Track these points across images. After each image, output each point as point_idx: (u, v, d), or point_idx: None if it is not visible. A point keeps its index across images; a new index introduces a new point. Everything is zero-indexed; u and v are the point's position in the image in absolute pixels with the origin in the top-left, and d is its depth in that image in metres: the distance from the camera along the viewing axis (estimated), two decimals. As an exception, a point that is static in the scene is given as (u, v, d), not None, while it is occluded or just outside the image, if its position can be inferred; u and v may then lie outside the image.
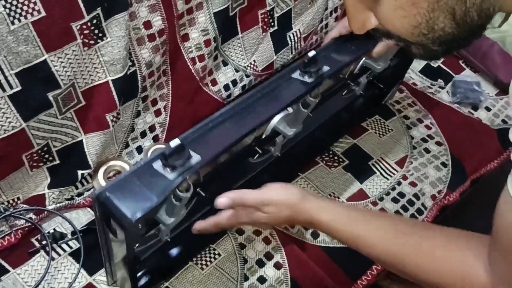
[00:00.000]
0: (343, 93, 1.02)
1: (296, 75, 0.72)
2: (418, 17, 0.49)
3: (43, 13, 0.64)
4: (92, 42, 0.72)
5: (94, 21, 0.70)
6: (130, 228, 0.55)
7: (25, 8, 0.62)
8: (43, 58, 0.67)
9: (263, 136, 0.82)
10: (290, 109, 0.78)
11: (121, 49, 0.75)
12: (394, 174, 0.96)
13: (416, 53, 0.55)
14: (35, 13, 0.63)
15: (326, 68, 0.73)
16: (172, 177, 0.56)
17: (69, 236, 0.77)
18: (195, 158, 0.58)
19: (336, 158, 0.97)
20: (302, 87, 0.71)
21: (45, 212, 0.77)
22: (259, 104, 0.68)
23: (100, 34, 0.72)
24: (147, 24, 0.78)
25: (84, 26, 0.69)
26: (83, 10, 0.68)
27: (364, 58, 0.95)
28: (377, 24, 0.53)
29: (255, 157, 0.86)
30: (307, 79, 0.71)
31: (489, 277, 0.55)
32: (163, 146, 0.91)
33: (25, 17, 0.63)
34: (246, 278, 0.79)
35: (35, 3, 0.63)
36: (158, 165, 0.57)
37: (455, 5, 0.48)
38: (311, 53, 0.70)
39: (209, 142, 0.62)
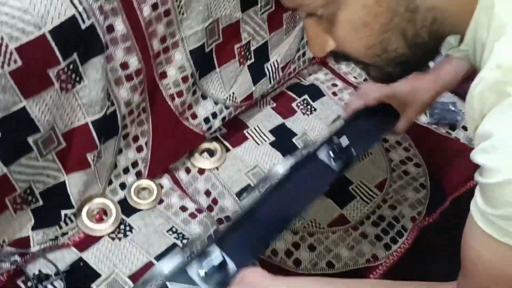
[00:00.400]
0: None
1: (323, 156, 0.74)
2: (371, 38, 0.52)
3: (20, 63, 0.66)
4: (69, 86, 0.74)
5: (71, 66, 0.72)
6: None
7: (1, 59, 0.64)
8: (21, 105, 0.69)
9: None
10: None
11: (99, 91, 0.77)
12: (374, 197, 0.98)
13: (374, 75, 0.58)
14: (12, 63, 0.65)
15: (353, 152, 0.74)
16: None
17: (53, 276, 0.78)
18: (232, 268, 0.60)
19: (316, 184, 0.99)
20: (330, 176, 0.74)
21: (29, 255, 0.78)
22: (287, 198, 0.70)
23: (78, 78, 0.74)
24: (124, 65, 0.81)
25: (61, 72, 0.71)
26: (59, 56, 0.70)
27: None
28: (335, 46, 0.56)
29: None
30: (333, 164, 0.73)
31: None
32: (147, 182, 0.92)
33: (2, 67, 0.65)
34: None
35: (11, 54, 0.65)
36: (195, 274, 0.60)
37: (406, 27, 0.50)
38: (344, 142, 0.71)
39: (243, 248, 0.64)
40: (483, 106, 0.46)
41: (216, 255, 0.60)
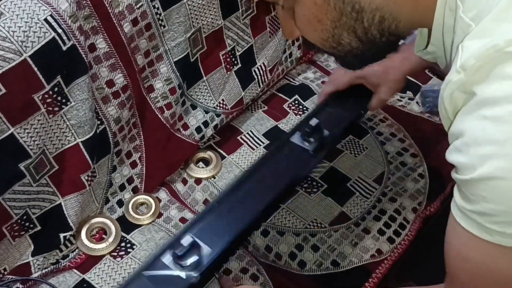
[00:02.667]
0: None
1: (296, 140, 0.74)
2: (325, 33, 0.54)
3: (4, 90, 0.66)
4: (56, 109, 0.74)
5: (56, 89, 0.72)
6: None
7: (-16, 88, 0.64)
8: (9, 132, 0.69)
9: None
10: None
11: (87, 111, 0.77)
12: (373, 192, 0.97)
13: (339, 62, 0.61)
14: (-5, 91, 0.65)
15: (326, 133, 0.74)
16: (184, 275, 0.58)
17: (57, 300, 0.78)
18: (206, 250, 0.60)
19: (314, 183, 0.98)
20: (306, 157, 0.72)
21: (31, 281, 0.78)
22: (265, 178, 0.70)
23: (64, 100, 0.74)
24: (110, 83, 0.81)
25: (46, 95, 0.71)
26: (42, 80, 0.70)
27: None
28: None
29: None
30: (307, 145, 0.73)
31: None
32: (145, 197, 0.92)
33: (-14, 97, 0.65)
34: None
35: (-6, 82, 0.65)
36: (169, 260, 0.58)
37: (355, 25, 0.53)
38: (314, 122, 0.71)
39: (217, 231, 0.63)
40: (455, 106, 0.47)
41: (186, 239, 0.60)
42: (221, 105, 1.02)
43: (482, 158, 0.44)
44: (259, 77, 1.08)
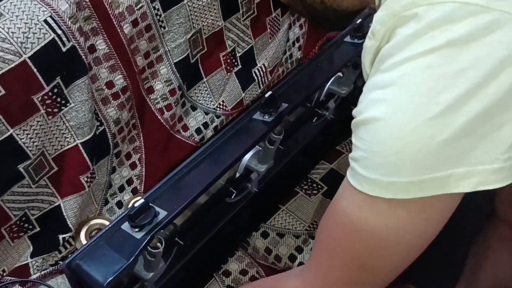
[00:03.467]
0: (313, 120, 1.04)
1: (257, 115, 0.75)
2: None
3: (3, 91, 0.66)
4: (56, 110, 0.73)
5: (55, 90, 0.72)
6: None
7: (-17, 89, 0.64)
8: (8, 134, 0.69)
9: (237, 175, 0.83)
10: (258, 147, 0.80)
11: (86, 112, 0.77)
12: (373, 194, 0.97)
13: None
14: (-6, 92, 0.65)
15: (284, 105, 0.75)
16: (140, 236, 0.58)
17: (56, 302, 0.77)
18: (162, 214, 0.59)
19: (314, 185, 0.98)
20: (263, 127, 0.73)
21: (30, 283, 0.78)
22: (222, 151, 0.70)
23: (63, 101, 0.74)
24: (109, 84, 0.81)
25: (46, 97, 0.71)
26: (42, 81, 0.70)
27: (328, 85, 0.97)
28: None
29: (232, 197, 0.87)
30: (267, 118, 0.73)
31: (300, 277, 0.55)
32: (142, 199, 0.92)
33: (-16, 98, 0.65)
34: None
35: (-8, 83, 0.65)
36: (126, 226, 0.59)
37: None
38: (268, 94, 0.73)
39: (175, 196, 0.63)
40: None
41: (139, 202, 0.60)
42: (221, 106, 1.01)
43: (370, 103, 0.47)
44: (260, 78, 1.08)
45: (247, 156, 0.81)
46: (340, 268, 0.51)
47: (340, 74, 0.98)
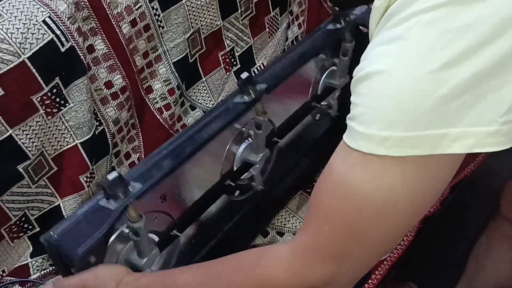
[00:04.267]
0: (317, 118, 1.04)
1: (238, 99, 0.76)
2: None
3: (2, 92, 0.66)
4: (55, 110, 0.74)
5: (54, 91, 0.72)
6: (79, 263, 0.58)
7: (-18, 90, 0.64)
8: (8, 134, 0.69)
9: (235, 169, 0.84)
10: (250, 139, 0.81)
11: (85, 112, 0.77)
12: (372, 192, 0.97)
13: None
14: (-7, 93, 0.65)
15: (263, 86, 0.77)
16: (114, 207, 0.59)
17: (57, 302, 0.77)
18: (136, 186, 0.61)
19: (314, 184, 0.98)
20: (242, 106, 0.75)
21: (30, 283, 0.78)
22: (200, 131, 0.72)
23: (62, 101, 0.74)
24: (108, 84, 0.81)
25: (45, 97, 0.71)
26: (41, 82, 0.70)
27: (323, 79, 0.97)
28: None
29: (235, 194, 0.87)
30: (246, 99, 0.75)
31: (287, 245, 0.53)
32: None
33: (-16, 98, 0.65)
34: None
35: (-9, 84, 0.65)
36: (103, 201, 0.61)
37: None
38: (244, 75, 0.75)
39: (152, 172, 0.66)
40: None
41: (112, 174, 0.62)
42: (220, 105, 1.02)
43: (373, 58, 0.46)
44: (258, 77, 1.08)
45: (240, 149, 0.82)
46: (329, 235, 0.49)
47: (334, 67, 0.99)
